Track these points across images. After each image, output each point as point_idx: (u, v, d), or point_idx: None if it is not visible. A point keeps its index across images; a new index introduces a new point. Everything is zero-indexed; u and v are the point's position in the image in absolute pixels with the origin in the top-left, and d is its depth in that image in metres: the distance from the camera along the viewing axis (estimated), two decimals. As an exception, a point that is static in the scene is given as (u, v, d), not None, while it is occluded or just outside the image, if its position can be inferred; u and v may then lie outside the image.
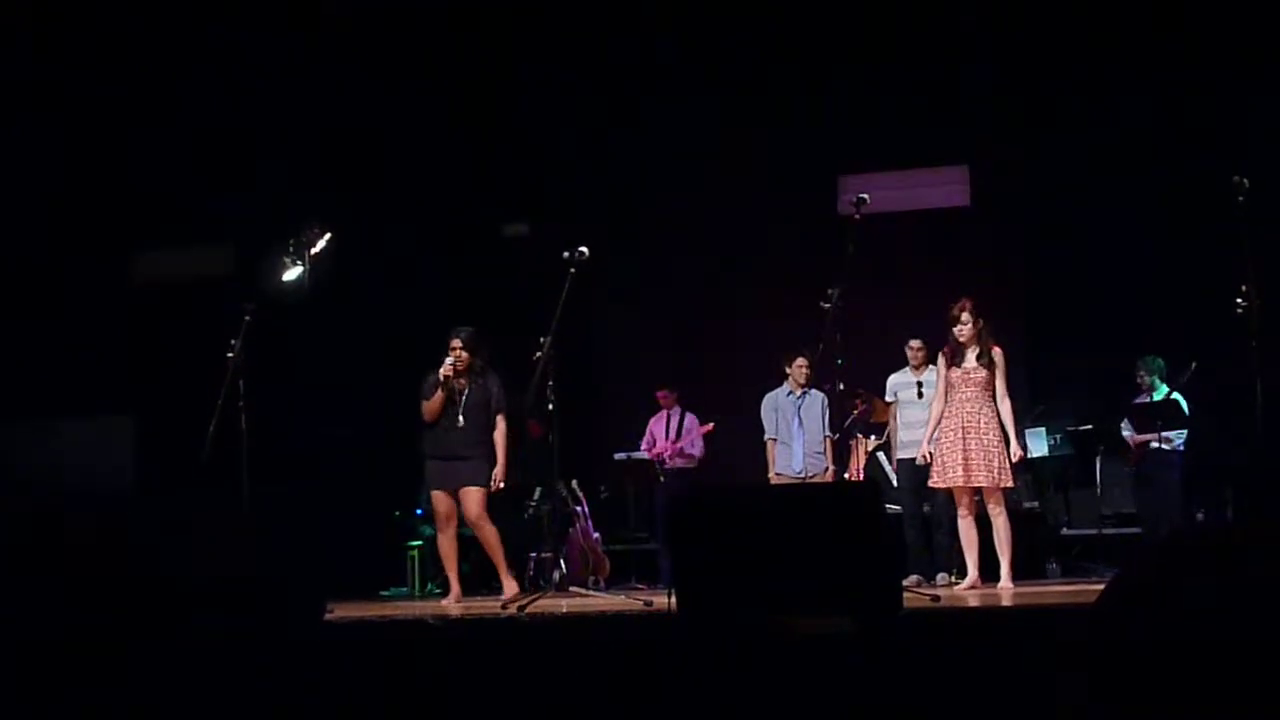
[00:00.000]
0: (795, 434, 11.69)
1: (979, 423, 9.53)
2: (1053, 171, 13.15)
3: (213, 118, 12.96)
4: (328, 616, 6.95)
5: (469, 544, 10.45)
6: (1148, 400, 11.52)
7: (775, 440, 11.79)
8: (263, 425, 9.46)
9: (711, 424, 12.95)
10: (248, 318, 9.43)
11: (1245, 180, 8.82)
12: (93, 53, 12.38)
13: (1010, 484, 9.73)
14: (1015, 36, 12.50)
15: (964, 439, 9.53)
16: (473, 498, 9.59)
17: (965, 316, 9.66)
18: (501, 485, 9.68)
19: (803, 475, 11.55)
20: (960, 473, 9.53)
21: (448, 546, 9.82)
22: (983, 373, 9.59)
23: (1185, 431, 11.34)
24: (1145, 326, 12.14)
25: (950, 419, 9.67)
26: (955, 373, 9.68)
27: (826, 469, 11.48)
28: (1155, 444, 11.41)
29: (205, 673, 4.73)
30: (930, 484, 9.99)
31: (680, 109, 13.70)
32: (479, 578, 11.22)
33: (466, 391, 9.67)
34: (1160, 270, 12.22)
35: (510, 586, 9.68)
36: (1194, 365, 11.29)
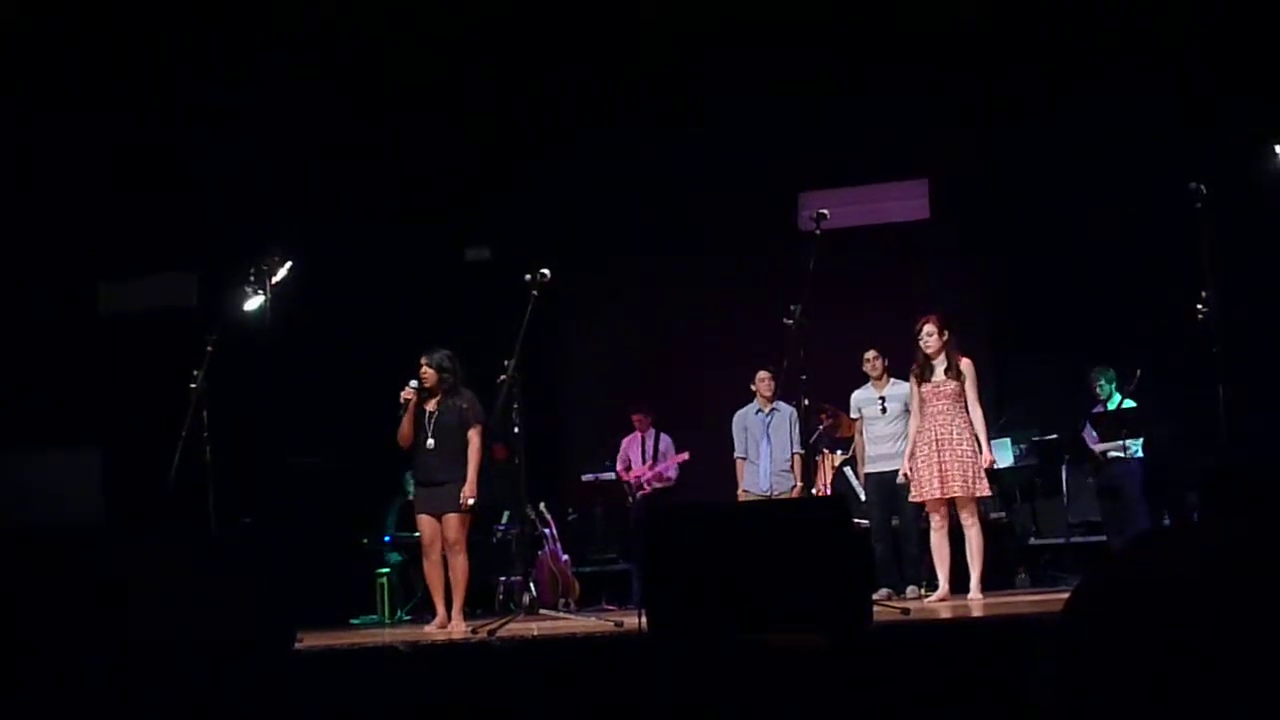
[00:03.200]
0: (762, 452, 11.72)
1: (952, 434, 9.57)
2: (1013, 182, 13.23)
3: (174, 145, 12.92)
4: (297, 645, 6.91)
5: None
6: (1103, 409, 11.60)
7: (744, 459, 11.82)
8: (228, 455, 9.41)
9: (686, 454, 12.92)
10: (210, 348, 9.39)
11: (1203, 186, 8.89)
12: (56, 84, 12.32)
13: (986, 493, 9.78)
14: (972, 47, 12.55)
15: (938, 452, 9.57)
16: (450, 524, 9.45)
17: (929, 329, 9.71)
18: (470, 502, 9.47)
19: (769, 493, 11.56)
20: (936, 485, 9.57)
21: (432, 572, 9.67)
22: (952, 385, 9.63)
23: (1141, 439, 11.45)
24: (1108, 334, 12.21)
25: (924, 433, 9.71)
26: (926, 387, 9.74)
27: (793, 486, 11.49)
28: (1114, 453, 11.49)
29: (174, 705, 4.70)
30: (910, 499, 10.02)
31: (641, 128, 13.72)
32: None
33: (437, 413, 9.58)
34: (1122, 277, 12.29)
35: (455, 623, 9.48)
36: (1139, 373, 11.39)
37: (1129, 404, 11.45)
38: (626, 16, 12.49)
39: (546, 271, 8.96)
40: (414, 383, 9.54)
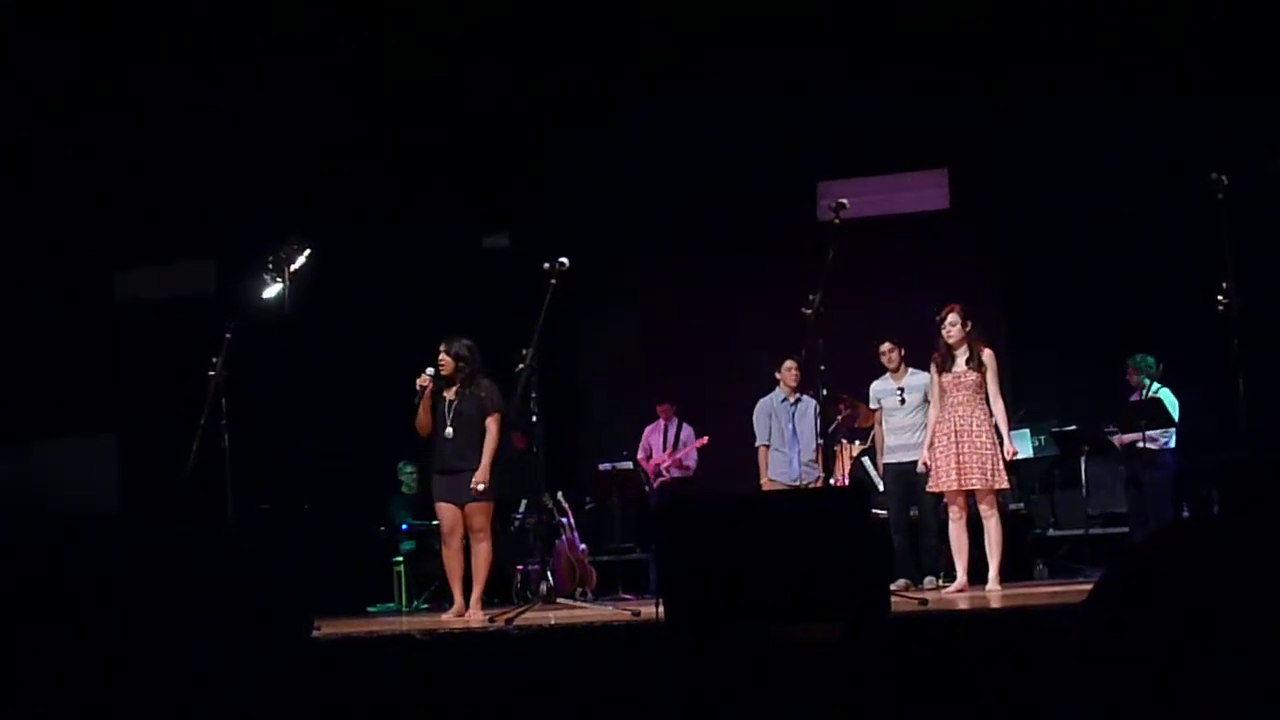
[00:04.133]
0: (790, 441, 11.67)
1: (971, 425, 9.55)
2: (1032, 172, 13.19)
3: (192, 133, 12.92)
4: (315, 634, 6.92)
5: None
6: (1136, 399, 11.52)
7: (768, 447, 11.77)
8: (246, 442, 9.41)
9: (705, 438, 12.93)
10: (229, 335, 9.38)
11: (1224, 177, 8.85)
12: (72, 68, 12.33)
13: (1005, 485, 9.72)
14: (991, 38, 12.51)
15: (957, 443, 9.55)
16: (474, 512, 9.42)
17: (952, 318, 9.69)
18: (480, 488, 9.37)
19: (798, 483, 11.53)
20: (954, 476, 9.54)
21: (452, 560, 9.65)
22: (973, 376, 9.61)
23: (1173, 431, 11.35)
24: (1127, 326, 12.16)
25: (943, 423, 9.69)
26: (946, 377, 9.72)
27: (818, 478, 11.47)
28: (1141, 444, 11.41)
29: (192, 694, 4.70)
30: (928, 489, 9.99)
31: (659, 117, 13.70)
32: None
33: (455, 402, 9.57)
34: (1141, 269, 12.25)
35: (474, 611, 9.44)
36: (1161, 366, 11.33)
37: (1164, 393, 11.31)
38: (653, 5, 12.47)
39: (565, 260, 8.94)
40: (430, 370, 9.52)
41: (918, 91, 13.01)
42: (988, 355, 9.66)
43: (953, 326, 9.70)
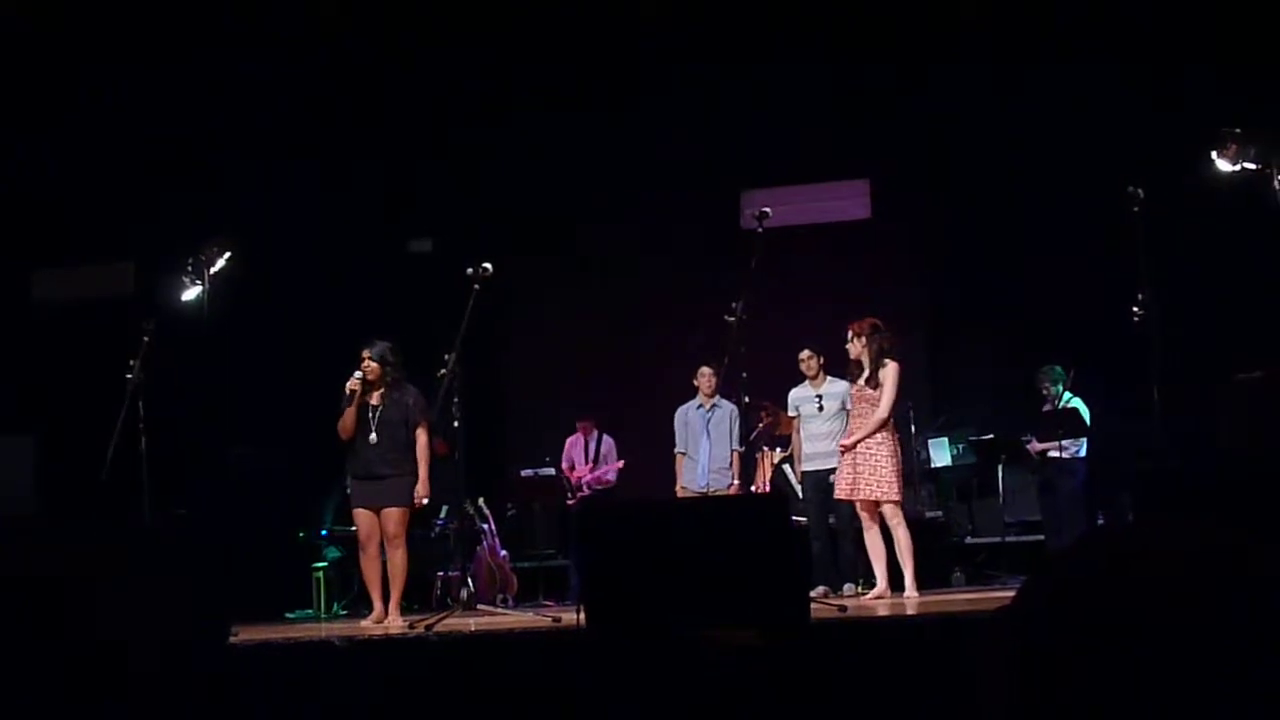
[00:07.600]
0: (701, 449, 11.72)
1: (865, 438, 9.71)
2: (953, 182, 13.28)
3: (112, 133, 12.79)
4: (232, 640, 6.86)
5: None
6: (1051, 408, 11.67)
7: (684, 454, 11.82)
8: (163, 446, 9.32)
9: (621, 461, 12.93)
10: (147, 338, 9.29)
11: (1140, 190, 8.96)
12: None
13: (896, 498, 9.75)
14: (913, 49, 12.60)
15: (854, 454, 9.70)
16: (391, 518, 9.38)
17: (849, 335, 9.88)
18: (425, 501, 9.44)
19: (705, 490, 11.56)
20: (846, 487, 9.74)
21: (369, 567, 9.60)
22: (872, 390, 9.75)
23: (1084, 439, 11.52)
24: (1046, 335, 12.28)
25: (848, 436, 9.88)
26: (854, 389, 9.92)
27: (730, 485, 11.50)
28: (1054, 452, 11.57)
29: (104, 701, 4.65)
30: (834, 497, 10.12)
31: (583, 125, 13.69)
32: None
33: (380, 407, 9.49)
34: (1060, 279, 12.36)
35: (393, 618, 9.39)
36: (1073, 371, 11.52)
37: (1076, 402, 11.51)
38: (576, 14, 12.47)
39: (488, 266, 8.92)
40: (358, 374, 9.45)
41: (840, 102, 13.10)
42: (888, 370, 9.74)
43: (850, 344, 9.89)
